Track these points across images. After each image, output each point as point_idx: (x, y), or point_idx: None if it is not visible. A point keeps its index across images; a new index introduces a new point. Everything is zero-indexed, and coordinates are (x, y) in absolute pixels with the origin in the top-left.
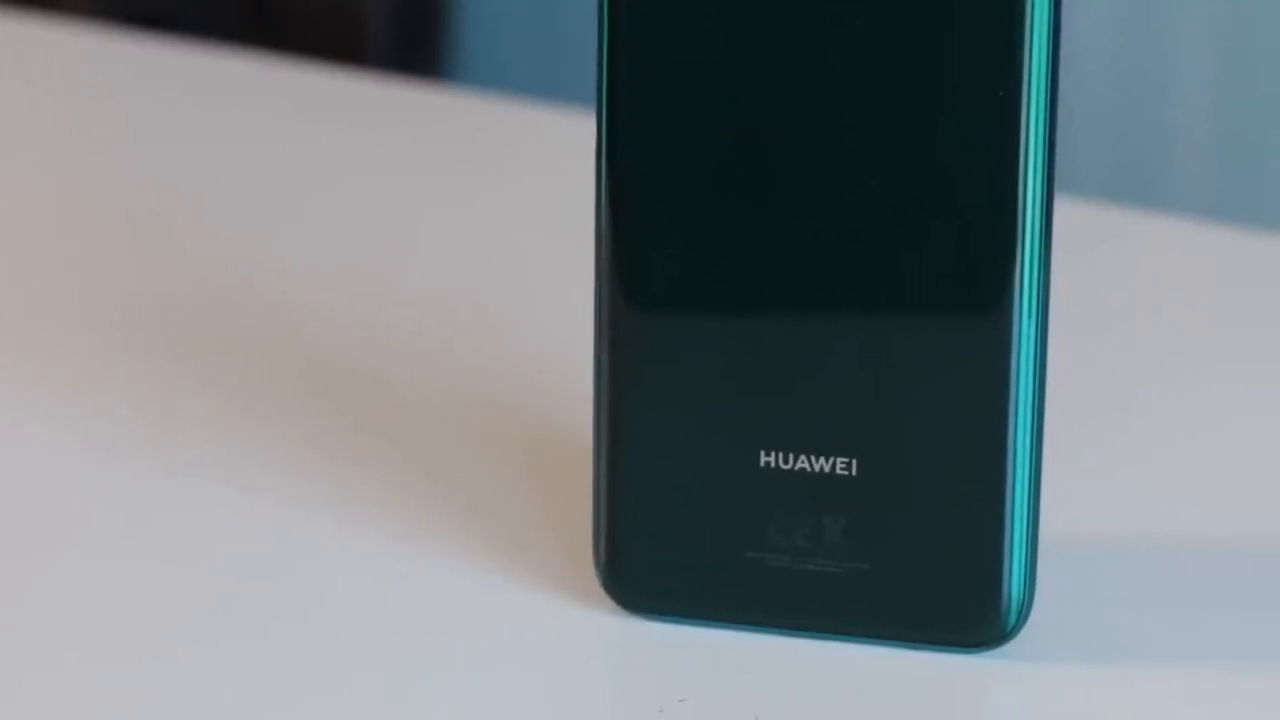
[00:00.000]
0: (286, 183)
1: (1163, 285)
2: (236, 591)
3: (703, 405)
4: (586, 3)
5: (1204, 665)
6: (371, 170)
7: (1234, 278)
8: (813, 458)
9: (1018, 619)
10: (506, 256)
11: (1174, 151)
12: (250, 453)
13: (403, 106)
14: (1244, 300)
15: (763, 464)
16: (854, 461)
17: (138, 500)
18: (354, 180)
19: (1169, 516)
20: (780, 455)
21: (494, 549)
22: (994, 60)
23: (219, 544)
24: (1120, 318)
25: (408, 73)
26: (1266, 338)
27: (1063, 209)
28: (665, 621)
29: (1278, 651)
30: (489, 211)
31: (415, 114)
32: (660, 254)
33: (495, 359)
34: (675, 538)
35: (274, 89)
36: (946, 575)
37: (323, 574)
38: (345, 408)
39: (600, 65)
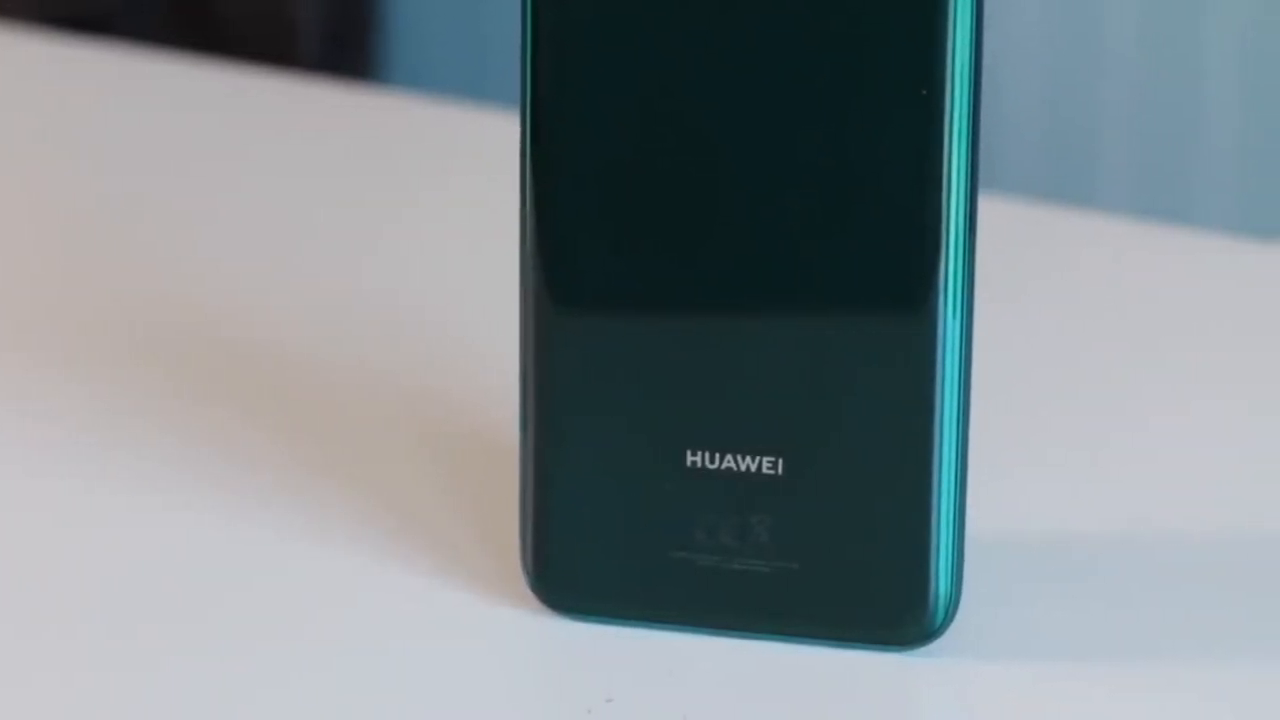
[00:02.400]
0: (217, 184)
1: (1092, 284)
2: (156, 596)
3: (629, 405)
4: (514, 5)
5: (1130, 661)
6: (302, 171)
7: (1163, 275)
8: (739, 457)
9: (945, 617)
10: (435, 257)
11: (1103, 150)
12: (176, 457)
13: (333, 108)
14: (1173, 298)
15: (689, 464)
16: (780, 461)
17: (60, 512)
18: (285, 181)
19: (1095, 514)
20: (706, 455)
21: (421, 550)
22: (917, 59)
23: (137, 551)
24: (1051, 316)
25: (338, 74)
26: (1196, 335)
27: (993, 207)
28: (593, 622)
29: (1203, 646)
30: (418, 212)
31: (345, 115)
32: (585, 254)
33: (423, 359)
34: (603, 538)
35: (206, 91)
36: (873, 574)
37: (246, 577)
38: (274, 409)
39: (524, 65)
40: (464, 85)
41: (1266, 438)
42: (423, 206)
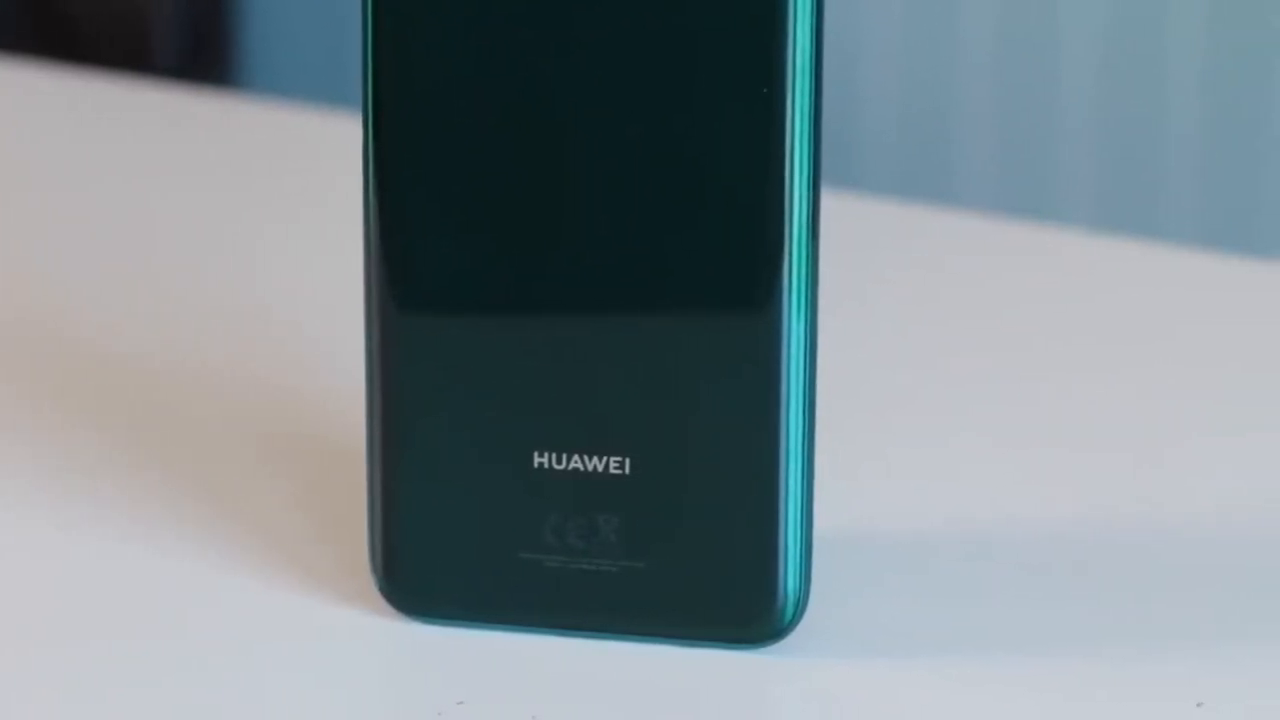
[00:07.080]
0: (69, 189)
1: (949, 281)
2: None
3: (475, 406)
4: None
5: (976, 657)
6: (157, 177)
7: (1021, 273)
8: (586, 457)
9: (794, 615)
10: (290, 261)
11: (961, 147)
12: (15, 463)
13: (188, 113)
14: (1030, 296)
15: (536, 464)
16: (627, 460)
17: None
18: (140, 187)
19: (942, 513)
20: (553, 455)
21: (268, 554)
22: (758, 57)
23: None
24: (907, 314)
25: (193, 80)
26: (1051, 333)
27: (850, 206)
28: (442, 624)
29: (1049, 642)
30: (274, 216)
31: (201, 120)
32: (427, 256)
33: (274, 363)
34: (451, 541)
35: (58, 95)
36: (722, 572)
37: (84, 582)
38: (118, 414)
39: (364, 66)
40: (321, 90)
41: (1117, 433)
42: (276, 210)
